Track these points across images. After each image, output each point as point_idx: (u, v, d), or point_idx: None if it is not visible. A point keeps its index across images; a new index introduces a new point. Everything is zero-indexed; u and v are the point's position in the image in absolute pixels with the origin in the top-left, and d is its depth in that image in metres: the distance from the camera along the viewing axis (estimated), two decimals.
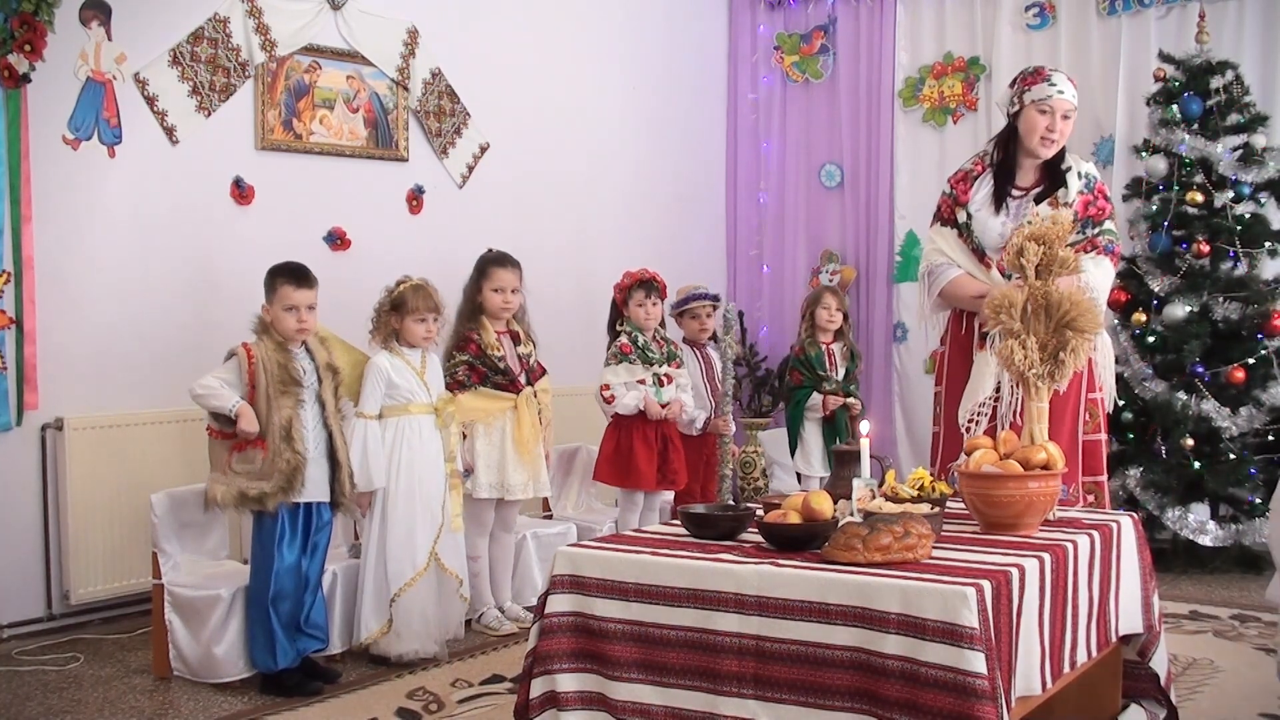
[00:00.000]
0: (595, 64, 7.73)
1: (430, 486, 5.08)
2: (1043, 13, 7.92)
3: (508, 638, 5.38)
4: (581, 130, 7.60)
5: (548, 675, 3.41)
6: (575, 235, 7.48)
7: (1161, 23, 7.53)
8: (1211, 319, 6.67)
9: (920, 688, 2.93)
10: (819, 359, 6.72)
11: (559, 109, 7.45)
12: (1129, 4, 7.61)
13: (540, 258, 6.52)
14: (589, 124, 7.66)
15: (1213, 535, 6.57)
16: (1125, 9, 7.62)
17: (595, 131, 7.70)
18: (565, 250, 7.33)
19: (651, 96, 8.15)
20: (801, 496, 3.55)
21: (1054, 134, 4.83)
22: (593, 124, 7.69)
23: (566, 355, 6.55)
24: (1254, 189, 6.78)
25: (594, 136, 7.69)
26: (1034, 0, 7.94)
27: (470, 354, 5.43)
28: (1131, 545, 4.00)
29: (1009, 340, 3.84)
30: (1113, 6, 7.66)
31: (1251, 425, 6.54)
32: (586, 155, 7.63)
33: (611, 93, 7.85)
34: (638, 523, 5.92)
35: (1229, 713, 4.33)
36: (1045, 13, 7.91)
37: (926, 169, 8.17)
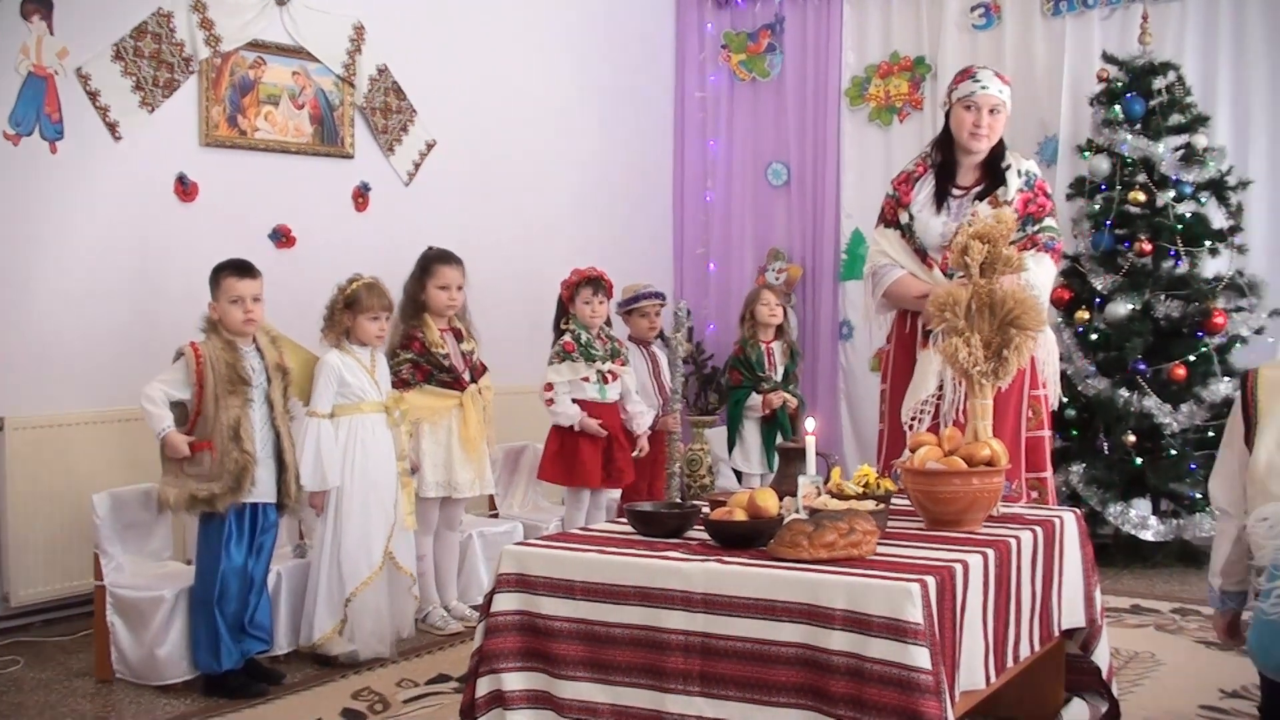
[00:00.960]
0: (542, 62, 7.71)
1: (383, 485, 5.07)
2: (988, 13, 7.97)
3: (454, 637, 5.36)
4: (528, 128, 7.58)
5: (494, 674, 3.40)
6: (521, 233, 7.46)
7: (1105, 24, 7.60)
8: (1153, 317, 6.74)
9: (865, 683, 2.95)
10: (759, 360, 6.74)
11: (506, 106, 7.42)
12: (1073, 5, 7.67)
13: (486, 255, 6.50)
14: (535, 121, 7.64)
15: (1154, 530, 6.64)
16: (1069, 10, 7.68)
17: (542, 129, 7.69)
18: (511, 248, 7.31)
19: (598, 94, 8.14)
20: (747, 494, 3.56)
21: (981, 129, 4.88)
22: (539, 121, 7.67)
23: (512, 353, 6.53)
24: (1195, 189, 6.86)
25: (540, 134, 7.68)
26: (979, 1, 7.99)
27: (414, 352, 5.41)
28: (1074, 540, 4.04)
29: (953, 338, 3.87)
30: (1057, 7, 7.72)
31: (1192, 421, 6.62)
32: (533, 153, 7.61)
33: (558, 90, 7.84)
34: (584, 521, 5.92)
35: (1170, 705, 4.38)
36: (990, 13, 7.97)
37: (872, 168, 8.21)
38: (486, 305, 5.93)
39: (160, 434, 4.56)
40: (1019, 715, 4.15)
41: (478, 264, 5.75)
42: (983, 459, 3.73)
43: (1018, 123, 7.51)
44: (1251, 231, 7.00)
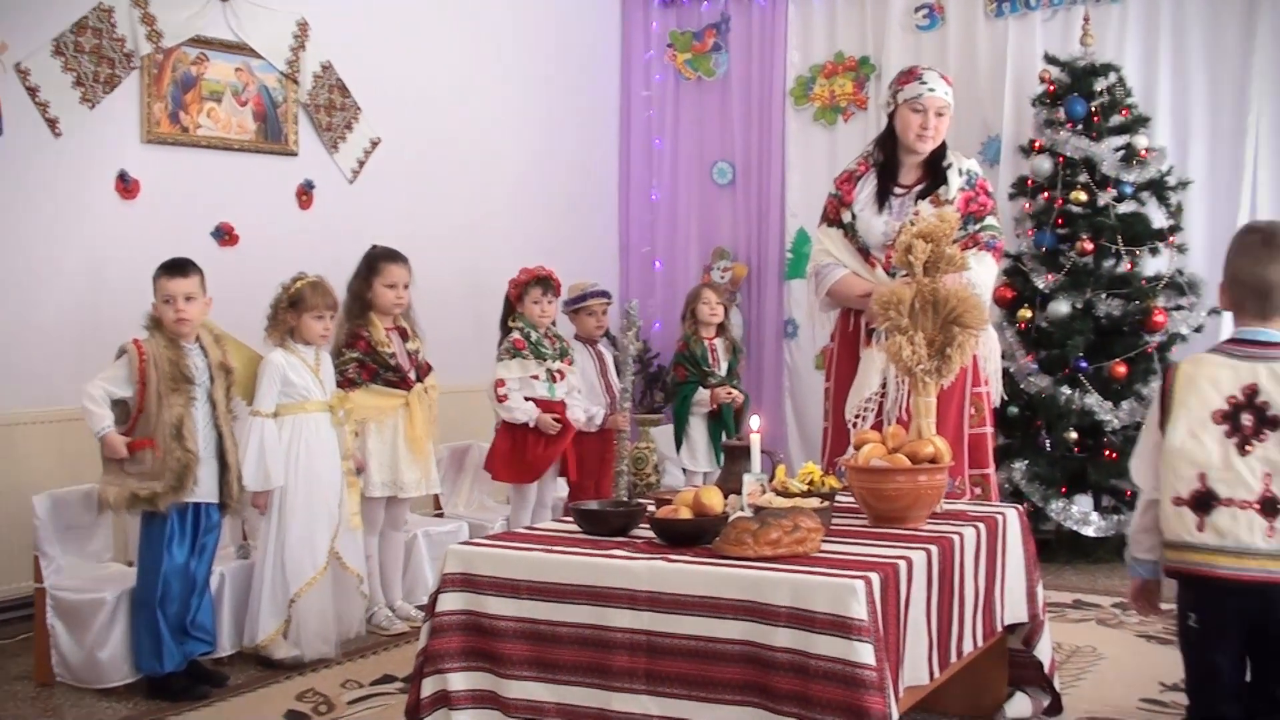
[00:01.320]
0: (488, 60, 7.69)
1: (328, 484, 5.04)
2: (932, 14, 8.02)
3: (399, 637, 5.34)
4: (473, 125, 7.55)
5: (439, 674, 3.40)
6: (467, 231, 7.43)
7: (1047, 25, 7.66)
8: (1095, 315, 6.81)
9: (810, 680, 2.96)
10: (703, 355, 6.75)
11: (451, 104, 7.40)
12: (1016, 6, 7.74)
13: (431, 253, 6.47)
14: (481, 119, 7.62)
15: (1096, 526, 6.71)
16: (1012, 11, 7.74)
17: (487, 127, 7.66)
18: (456, 246, 7.28)
19: (544, 93, 8.13)
20: (693, 492, 3.57)
21: (928, 131, 4.92)
22: (485, 119, 7.65)
23: (457, 352, 6.51)
24: (1136, 189, 6.93)
25: (486, 132, 7.65)
26: (923, 1, 8.04)
27: (360, 351, 5.38)
28: (1016, 536, 4.08)
29: (897, 336, 3.89)
30: (1000, 9, 7.78)
31: (1133, 419, 6.68)
32: (478, 151, 7.59)
33: (504, 89, 7.81)
34: (530, 520, 5.91)
35: (1111, 699, 4.43)
36: (934, 14, 8.02)
37: (817, 167, 8.23)
38: (431, 304, 5.90)
39: (99, 434, 4.51)
40: (962, 710, 4.19)
41: (422, 262, 5.72)
42: (926, 456, 3.76)
43: (961, 123, 7.54)
44: (1191, 231, 7.08)
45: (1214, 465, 3.00)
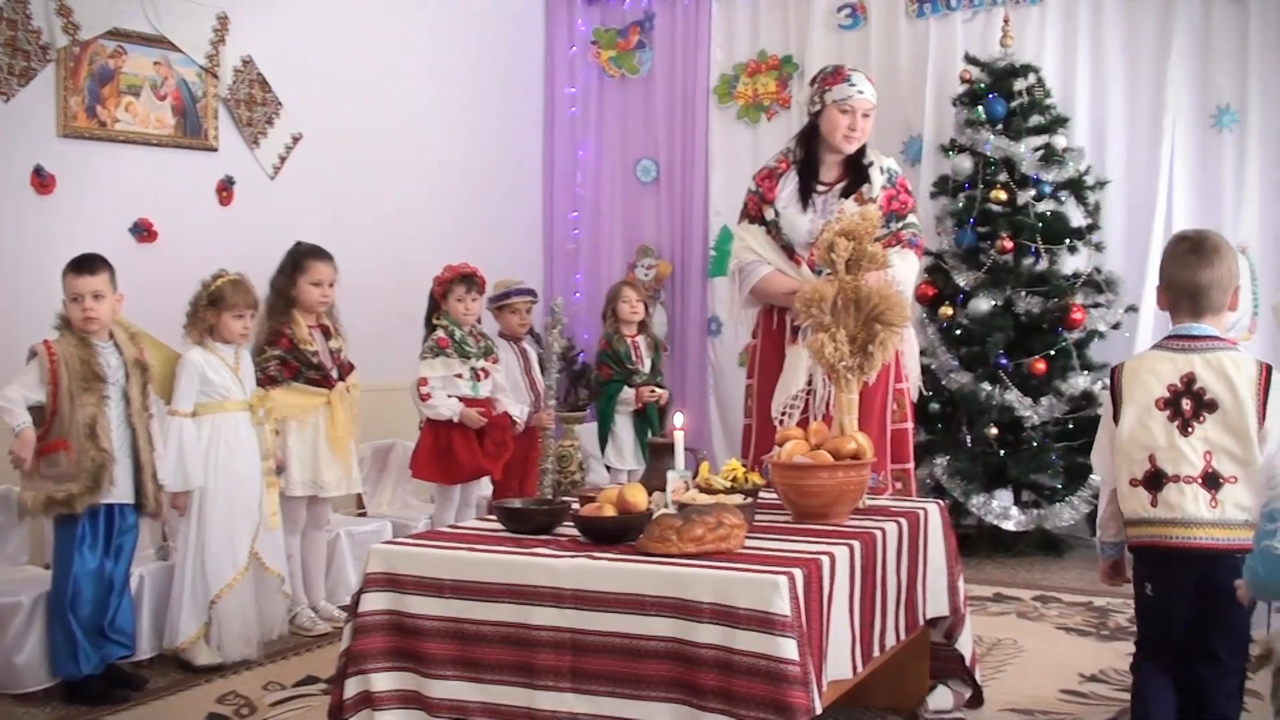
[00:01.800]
0: (411, 54, 7.63)
1: (248, 484, 4.99)
2: (854, 14, 8.07)
3: (322, 638, 5.29)
4: (396, 121, 7.49)
5: (362, 675, 3.38)
6: (389, 228, 7.37)
7: (968, 26, 7.74)
8: (1014, 313, 6.90)
9: (734, 675, 2.98)
10: (626, 353, 6.75)
11: (373, 100, 7.33)
12: (937, 7, 7.81)
13: (354, 250, 6.41)
14: (404, 115, 7.56)
15: (1016, 520, 6.79)
16: (934, 12, 7.81)
17: (410, 123, 7.61)
18: (379, 243, 7.22)
19: (468, 89, 8.08)
20: (616, 490, 3.58)
21: (855, 132, 4.97)
22: (408, 115, 7.59)
23: (380, 350, 6.45)
24: (1054, 188, 7.03)
25: (409, 128, 7.60)
26: (846, 1, 8.09)
27: (282, 349, 5.33)
28: (938, 531, 4.13)
29: (820, 334, 3.92)
30: (921, 9, 7.85)
31: (1052, 414, 6.78)
32: (401, 146, 7.53)
33: (427, 84, 7.76)
34: (453, 519, 5.88)
35: (1031, 690, 4.49)
36: (857, 13, 8.07)
37: (740, 165, 8.24)
38: (354, 301, 5.86)
39: (16, 429, 4.42)
40: (885, 703, 4.23)
41: (345, 259, 5.67)
42: (849, 452, 3.79)
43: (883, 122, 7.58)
44: (1108, 230, 7.19)
45: (1161, 447, 3.30)
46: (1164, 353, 3.41)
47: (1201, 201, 7.22)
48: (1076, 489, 6.74)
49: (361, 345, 5.75)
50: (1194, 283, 3.38)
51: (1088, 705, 4.34)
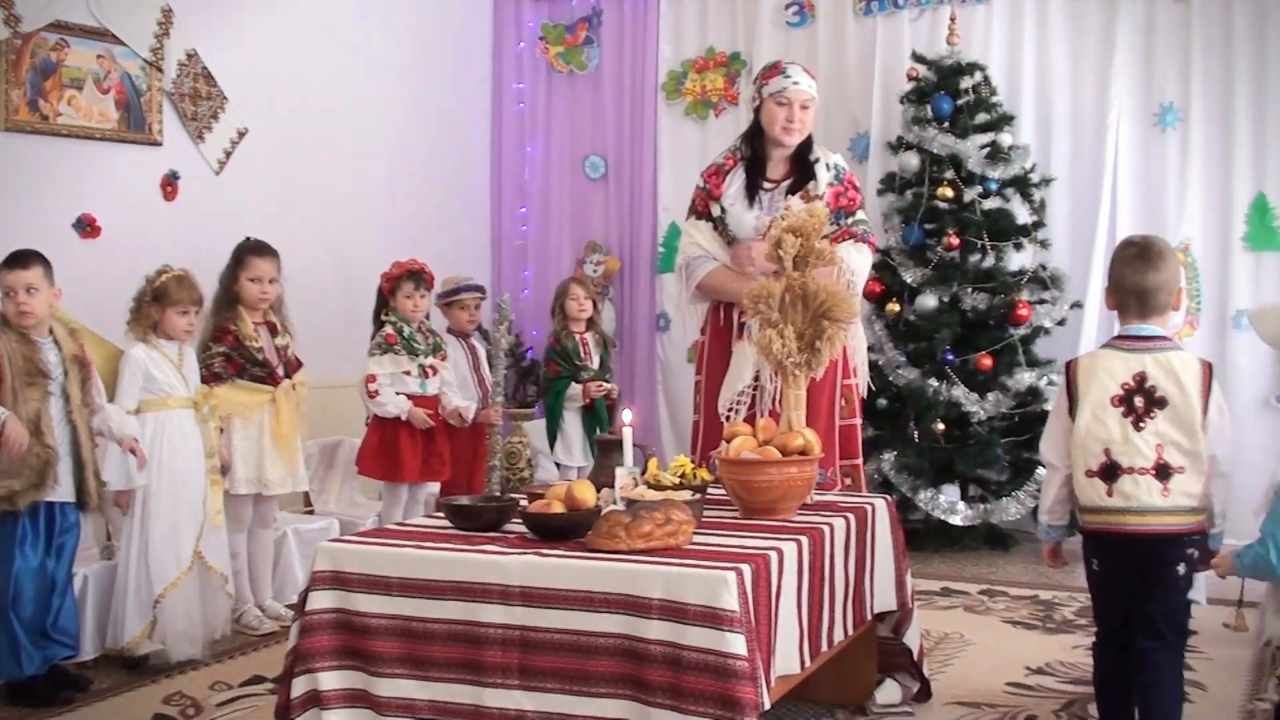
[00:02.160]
0: (358, 50, 7.59)
1: (191, 482, 4.94)
2: (802, 11, 8.10)
3: (268, 637, 5.26)
4: (342, 116, 7.44)
5: (309, 674, 3.36)
6: (337, 224, 7.32)
7: (915, 24, 7.78)
8: (961, 309, 6.94)
9: (683, 671, 2.98)
10: (574, 350, 6.74)
11: (320, 94, 7.28)
12: (884, 5, 7.84)
13: (301, 246, 6.37)
14: (351, 110, 7.51)
15: (963, 515, 6.84)
16: (881, 10, 7.85)
17: (357, 118, 7.56)
18: (327, 239, 7.18)
19: (415, 85, 8.04)
20: (565, 486, 3.57)
21: (794, 124, 4.97)
22: (355, 110, 7.54)
23: (327, 346, 6.42)
24: (1001, 185, 7.08)
25: (356, 123, 7.55)
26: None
27: (227, 345, 5.29)
28: (885, 526, 4.15)
29: (767, 330, 3.93)
30: (869, 7, 7.89)
31: (998, 410, 6.83)
32: (348, 142, 7.48)
33: (374, 80, 7.71)
34: (401, 516, 5.85)
35: (978, 684, 4.52)
36: (804, 11, 8.09)
37: (689, 162, 8.25)
38: (302, 297, 5.82)
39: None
40: (833, 698, 4.25)
41: (292, 255, 5.63)
42: (796, 448, 3.80)
43: (831, 119, 7.69)
44: (1054, 227, 7.25)
45: (1115, 441, 3.53)
46: (1117, 352, 3.61)
47: (1145, 199, 7.30)
48: (1023, 483, 6.80)
49: (308, 342, 5.71)
50: (1141, 286, 3.58)
51: (1034, 697, 4.37)
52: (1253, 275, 7.08)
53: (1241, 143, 7.09)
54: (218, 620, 5.09)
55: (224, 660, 4.93)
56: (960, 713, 4.21)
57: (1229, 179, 7.13)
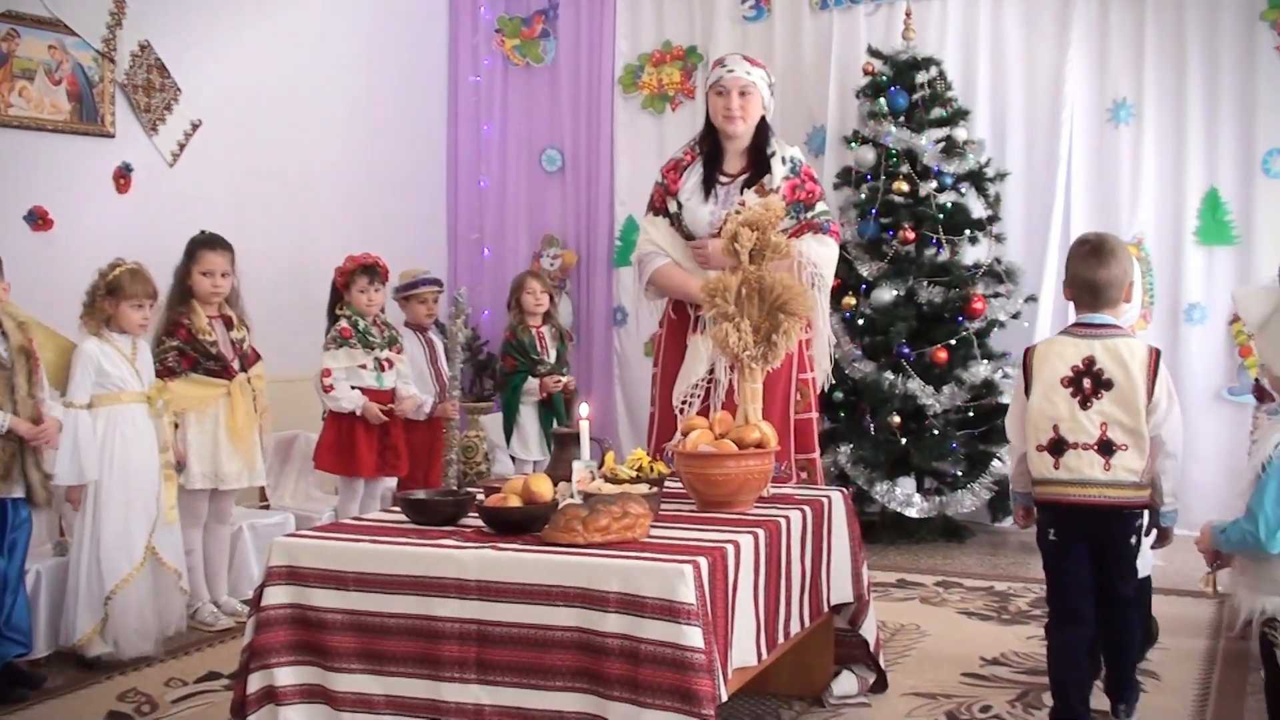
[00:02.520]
0: (312, 42, 7.54)
1: (144, 478, 4.89)
2: (758, 5, 8.11)
3: (224, 633, 5.22)
4: (298, 109, 7.40)
5: (265, 670, 3.34)
6: (292, 217, 7.28)
7: (870, 19, 7.81)
8: (917, 302, 6.98)
9: (640, 664, 2.99)
10: (531, 344, 6.73)
11: (275, 87, 7.23)
12: (840, 0, 7.87)
13: (256, 240, 6.33)
14: (306, 103, 7.47)
15: (918, 507, 6.88)
16: (837, 5, 7.87)
17: (313, 110, 7.51)
18: (282, 232, 7.13)
19: (371, 78, 8.00)
20: (522, 480, 3.57)
21: (734, 112, 4.98)
22: (310, 103, 7.50)
23: (283, 340, 6.38)
24: (956, 179, 7.12)
25: (312, 116, 7.50)
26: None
27: (180, 339, 5.24)
28: (842, 519, 4.17)
29: (724, 323, 3.93)
30: (824, 2, 7.90)
31: (954, 402, 6.88)
32: (304, 135, 7.44)
33: (330, 72, 7.67)
34: (358, 510, 5.84)
35: (934, 675, 4.55)
36: (761, 5, 8.11)
37: (646, 155, 8.26)
38: (256, 291, 5.78)
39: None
40: (790, 689, 4.27)
41: (246, 248, 5.59)
42: (753, 441, 3.81)
43: (787, 113, 7.71)
44: (1008, 221, 7.30)
45: (1063, 419, 3.82)
46: (1069, 338, 3.91)
47: (1099, 194, 7.37)
48: (978, 476, 6.85)
49: (263, 335, 5.68)
50: (1093, 281, 3.88)
51: (989, 688, 4.40)
52: (1205, 269, 7.17)
53: (1194, 138, 7.18)
54: (171, 617, 5.04)
55: (179, 656, 4.90)
56: (916, 703, 4.24)
57: (1181, 174, 7.21)
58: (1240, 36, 7.09)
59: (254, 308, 5.63)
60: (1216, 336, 7.04)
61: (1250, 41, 7.07)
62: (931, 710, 4.17)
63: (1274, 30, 7.05)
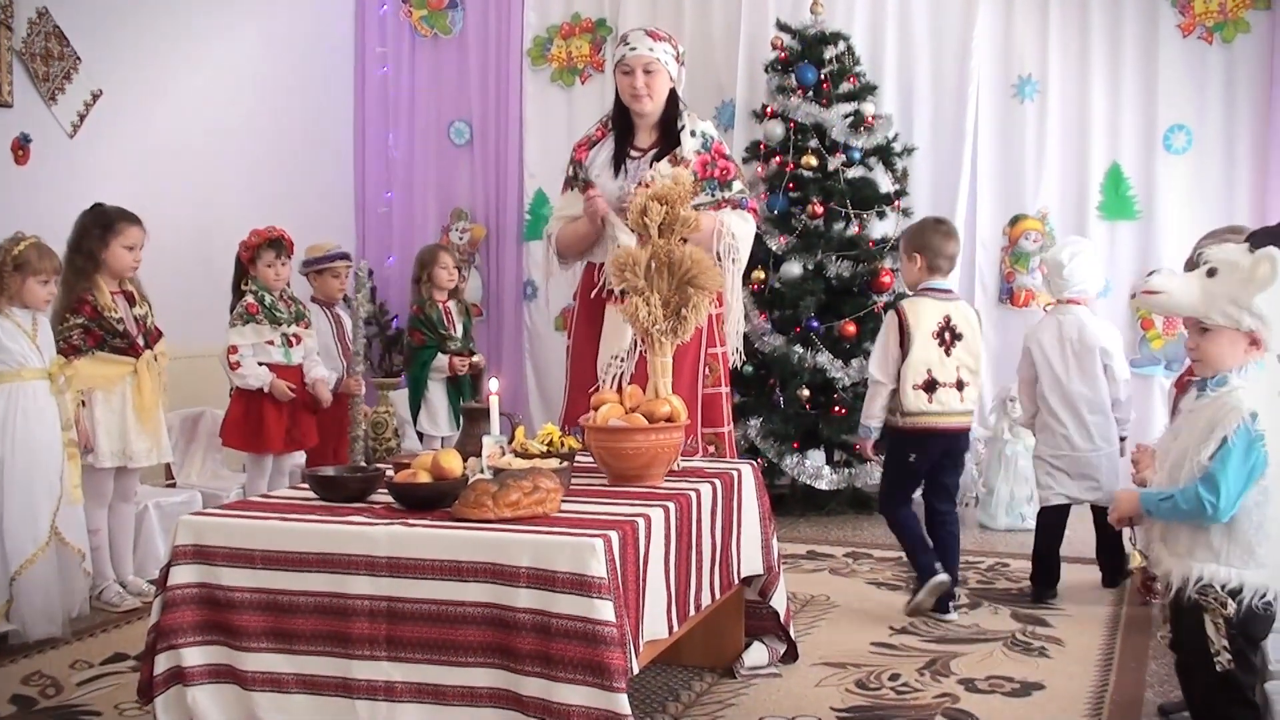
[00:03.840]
0: (216, 10, 7.41)
1: (47, 456, 4.77)
2: None
3: (130, 613, 5.15)
4: (201, 79, 7.27)
5: (172, 650, 3.30)
6: (196, 190, 7.16)
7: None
8: (825, 276, 7.03)
9: (552, 639, 2.99)
10: (439, 318, 6.69)
11: (178, 57, 7.09)
12: None
13: (159, 212, 6.19)
14: (209, 72, 7.34)
15: (828, 480, 6.95)
16: None
17: (215, 82, 7.39)
18: (185, 205, 7.00)
19: (276, 48, 7.89)
20: (431, 455, 3.55)
21: (640, 89, 4.97)
22: (213, 72, 7.37)
23: (187, 315, 6.28)
24: (864, 154, 7.18)
25: (214, 87, 7.37)
26: None
27: (85, 316, 5.13)
28: (751, 491, 4.19)
29: (634, 298, 3.94)
30: None
31: (862, 376, 6.92)
32: (207, 106, 7.31)
33: (233, 42, 7.54)
34: (266, 488, 5.78)
35: (844, 644, 4.61)
36: None
37: (555, 128, 8.24)
38: (159, 266, 5.68)
39: None
40: (702, 661, 4.30)
41: (149, 222, 5.47)
42: (663, 415, 3.82)
43: (696, 87, 7.71)
44: (916, 195, 7.38)
45: (934, 364, 4.96)
46: (930, 300, 5.02)
47: (1004, 169, 7.49)
48: None
49: (168, 311, 5.59)
50: (950, 252, 5.09)
51: (898, 657, 4.47)
52: (1108, 244, 7.31)
53: (1097, 115, 7.32)
54: (75, 598, 4.94)
55: (84, 638, 4.82)
56: (827, 673, 4.29)
57: (1085, 150, 7.36)
58: (1143, 14, 7.24)
59: (157, 282, 5.54)
60: (1119, 310, 7.18)
61: (1153, 19, 7.21)
62: (841, 679, 4.22)
63: (1175, 9, 7.20)
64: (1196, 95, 7.19)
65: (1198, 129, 7.20)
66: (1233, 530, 3.28)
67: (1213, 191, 7.18)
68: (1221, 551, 3.30)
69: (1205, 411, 3.34)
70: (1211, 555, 3.31)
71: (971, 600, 5.19)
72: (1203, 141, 7.20)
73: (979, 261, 7.55)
